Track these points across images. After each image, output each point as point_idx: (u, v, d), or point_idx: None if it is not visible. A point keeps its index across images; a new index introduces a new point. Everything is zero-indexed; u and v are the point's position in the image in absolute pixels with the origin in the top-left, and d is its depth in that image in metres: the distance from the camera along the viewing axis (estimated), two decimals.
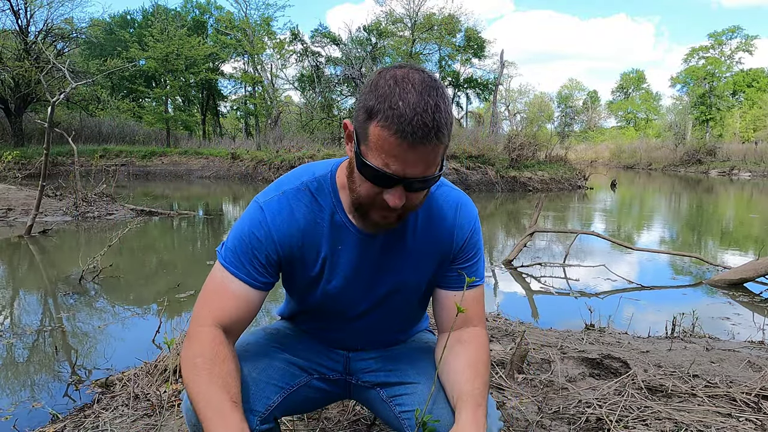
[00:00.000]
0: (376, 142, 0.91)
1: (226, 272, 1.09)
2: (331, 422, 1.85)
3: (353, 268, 1.15)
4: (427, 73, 0.94)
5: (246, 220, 1.11)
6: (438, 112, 0.89)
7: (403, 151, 0.90)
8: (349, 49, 29.08)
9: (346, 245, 1.13)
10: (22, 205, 8.46)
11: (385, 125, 0.89)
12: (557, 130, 51.95)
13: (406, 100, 0.88)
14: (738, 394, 2.03)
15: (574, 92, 59.94)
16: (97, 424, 1.93)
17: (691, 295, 4.57)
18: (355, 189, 1.01)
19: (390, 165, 0.92)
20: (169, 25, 25.17)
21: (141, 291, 4.41)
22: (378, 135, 0.90)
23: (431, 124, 0.89)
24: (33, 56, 21.57)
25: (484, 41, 32.96)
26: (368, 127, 0.91)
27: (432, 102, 0.89)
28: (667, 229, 8.96)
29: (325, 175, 1.13)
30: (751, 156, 29.20)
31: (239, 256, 1.09)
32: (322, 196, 1.11)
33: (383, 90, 0.90)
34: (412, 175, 0.93)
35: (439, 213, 1.15)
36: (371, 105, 0.91)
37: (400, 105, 0.88)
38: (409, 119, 0.87)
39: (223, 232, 8.06)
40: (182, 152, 22.20)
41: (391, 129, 0.88)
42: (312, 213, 1.10)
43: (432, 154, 0.92)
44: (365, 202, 1.01)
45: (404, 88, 0.89)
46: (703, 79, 44.18)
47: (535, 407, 1.98)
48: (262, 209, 1.09)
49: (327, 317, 1.25)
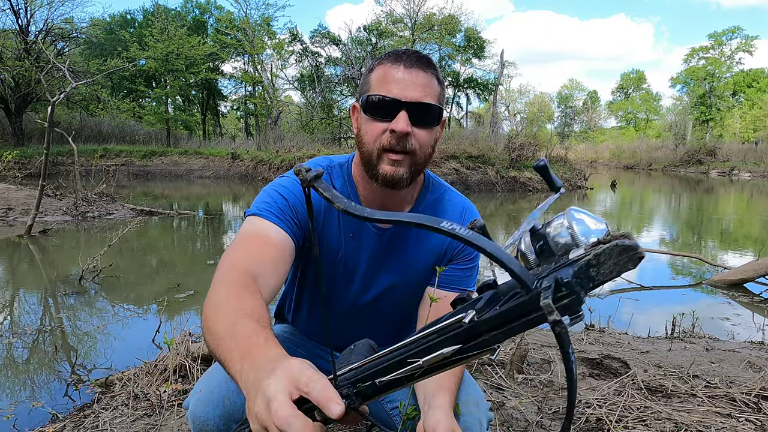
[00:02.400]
0: (377, 79, 1.04)
1: (264, 222, 1.04)
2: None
3: (360, 259, 1.18)
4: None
5: (280, 185, 1.11)
6: (425, 56, 1.06)
7: (400, 73, 1.02)
8: (349, 49, 29.08)
9: (357, 235, 1.16)
10: (22, 204, 8.45)
11: (382, 62, 1.05)
12: (557, 130, 51.99)
13: (399, 50, 1.07)
14: (738, 394, 2.03)
15: (574, 92, 59.98)
16: (96, 423, 1.93)
17: (691, 295, 4.57)
18: (364, 143, 1.07)
19: (391, 89, 1.02)
20: (169, 25, 25.18)
21: (141, 291, 4.41)
22: (377, 73, 1.05)
23: (422, 55, 1.05)
24: (33, 56, 21.58)
25: (484, 41, 32.96)
26: (369, 77, 1.06)
27: (419, 53, 1.06)
28: (667, 230, 8.96)
29: (342, 164, 1.19)
30: (751, 156, 29.20)
31: (279, 208, 1.06)
32: (339, 182, 1.17)
33: (378, 57, 1.08)
34: (413, 98, 1.02)
35: (443, 215, 1.18)
36: (371, 65, 1.07)
37: (392, 51, 1.07)
38: (402, 52, 1.05)
39: (223, 232, 8.06)
40: (182, 152, 22.19)
41: (387, 61, 1.04)
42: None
43: (427, 81, 1.04)
44: (374, 147, 1.05)
45: (397, 50, 1.08)
46: (703, 79, 44.20)
47: (535, 407, 1.98)
48: (291, 178, 1.13)
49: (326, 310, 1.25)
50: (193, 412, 1.09)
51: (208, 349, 0.78)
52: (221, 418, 1.06)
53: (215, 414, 1.07)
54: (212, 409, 1.07)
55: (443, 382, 1.05)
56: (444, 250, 1.20)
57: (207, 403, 1.08)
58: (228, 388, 1.10)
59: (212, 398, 1.08)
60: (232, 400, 1.08)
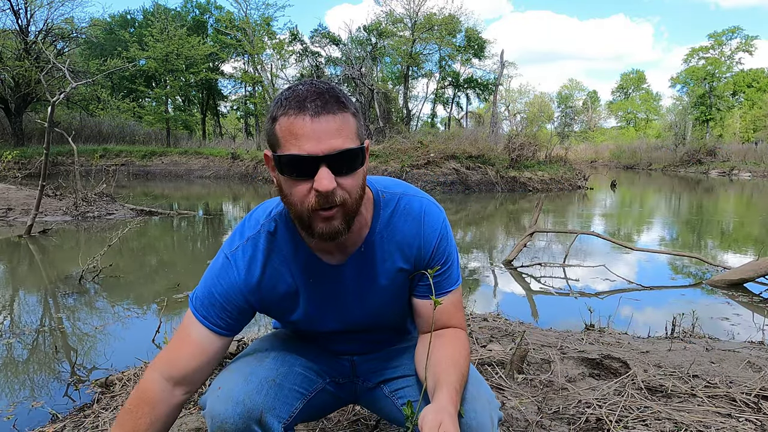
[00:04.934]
0: (285, 133, 0.93)
1: (194, 320, 1.12)
2: (331, 422, 1.85)
3: (329, 299, 1.16)
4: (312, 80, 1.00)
5: (215, 274, 1.13)
6: (330, 88, 0.94)
7: (309, 125, 0.91)
8: (349, 49, 29.08)
9: (317, 277, 1.13)
10: (22, 204, 8.45)
11: (284, 112, 0.92)
12: (557, 130, 51.96)
13: (297, 89, 0.94)
14: (738, 394, 2.03)
15: (574, 92, 59.98)
16: (96, 423, 1.93)
17: (691, 295, 4.57)
18: (290, 203, 0.99)
19: (303, 145, 0.91)
20: (169, 25, 25.19)
21: (141, 291, 4.41)
22: (283, 125, 0.93)
23: (327, 93, 0.93)
24: (33, 56, 21.58)
25: (485, 41, 32.96)
26: (275, 129, 0.95)
27: (323, 85, 0.95)
28: (667, 230, 8.96)
29: (281, 212, 1.12)
30: (751, 156, 29.18)
31: (208, 306, 1.11)
32: (280, 234, 1.12)
33: (277, 97, 0.96)
34: (329, 150, 0.92)
35: (403, 227, 1.13)
36: (272, 111, 0.95)
37: (290, 94, 0.94)
38: (303, 95, 0.92)
39: (223, 233, 8.06)
40: (182, 152, 22.20)
41: (290, 111, 0.92)
42: (276, 255, 1.11)
43: (341, 123, 0.93)
44: (302, 209, 0.97)
45: (294, 86, 0.96)
46: (703, 79, 44.18)
47: (535, 407, 1.98)
48: (230, 261, 1.12)
49: (319, 335, 1.27)
50: (211, 409, 1.08)
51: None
52: (241, 417, 1.06)
53: (235, 412, 1.06)
54: (232, 407, 1.06)
55: (444, 376, 1.05)
56: (414, 261, 1.15)
57: (227, 401, 1.07)
58: (248, 387, 1.10)
59: (232, 396, 1.08)
60: (252, 399, 1.08)
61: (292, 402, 1.15)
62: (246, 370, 1.15)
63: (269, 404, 1.10)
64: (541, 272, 5.34)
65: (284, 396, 1.14)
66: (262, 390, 1.10)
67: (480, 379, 1.21)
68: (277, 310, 1.18)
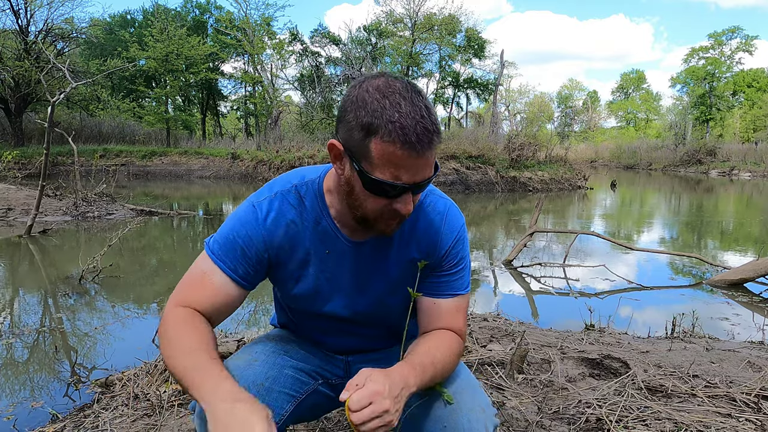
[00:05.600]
0: (382, 157, 0.91)
1: (211, 263, 1.10)
2: (331, 422, 1.85)
3: (341, 274, 1.15)
4: (404, 79, 0.96)
5: (238, 218, 1.11)
6: (431, 115, 0.92)
7: (412, 160, 0.91)
8: (349, 49, 29.08)
9: (334, 251, 1.13)
10: (22, 205, 8.45)
11: (389, 140, 0.89)
12: (557, 130, 51.99)
13: (402, 110, 0.89)
14: (738, 394, 2.03)
15: (574, 92, 59.98)
16: (96, 423, 1.93)
17: (691, 295, 4.57)
18: (359, 205, 1.01)
19: (401, 176, 0.93)
20: (169, 25, 25.17)
21: (141, 291, 4.41)
22: (383, 150, 0.91)
23: (431, 128, 0.91)
24: (33, 56, 21.57)
25: (485, 41, 32.95)
26: (369, 145, 0.91)
27: (422, 105, 0.91)
28: (667, 230, 8.96)
29: (314, 180, 1.13)
30: (751, 156, 29.18)
31: (228, 251, 1.09)
32: (309, 199, 1.12)
33: (374, 105, 0.90)
34: (420, 180, 0.95)
35: (425, 221, 1.15)
36: (367, 122, 0.90)
37: (397, 117, 0.89)
38: (412, 129, 0.89)
39: None
40: (182, 152, 22.20)
41: (397, 143, 0.89)
42: (300, 216, 1.12)
43: (433, 156, 0.95)
44: (373, 216, 1.01)
45: (394, 99, 0.90)
46: (703, 79, 44.17)
47: (535, 407, 1.98)
48: (255, 209, 1.10)
49: (318, 321, 1.25)
50: (200, 413, 1.07)
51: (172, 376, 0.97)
52: None
53: None
54: None
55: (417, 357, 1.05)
56: (430, 256, 1.16)
57: None
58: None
59: None
60: None
61: (282, 405, 1.15)
62: (234, 374, 1.12)
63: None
64: (541, 272, 5.34)
65: (273, 399, 1.13)
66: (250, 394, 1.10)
67: (475, 385, 1.21)
68: (285, 274, 1.16)
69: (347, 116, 0.94)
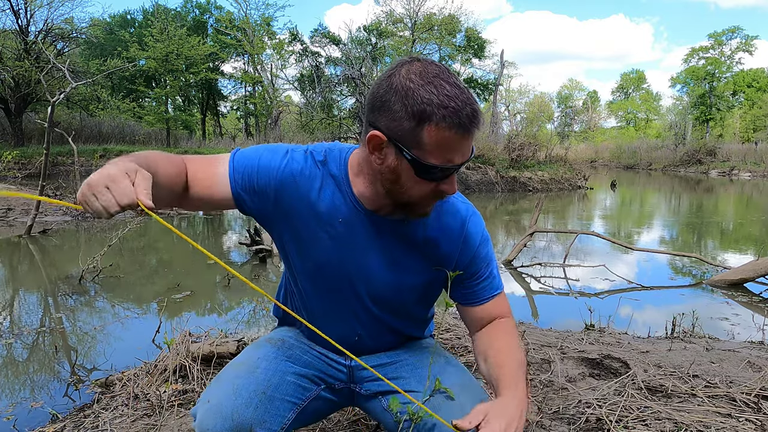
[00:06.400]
0: (437, 143, 0.93)
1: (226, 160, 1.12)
2: (331, 422, 1.85)
3: (358, 245, 1.13)
4: (433, 61, 0.97)
5: (271, 150, 1.13)
6: (470, 95, 0.95)
7: (463, 141, 0.95)
8: (349, 49, 29.07)
9: (348, 221, 1.12)
10: (22, 204, 8.46)
11: (444, 125, 0.92)
12: (557, 130, 51.98)
13: (450, 94, 0.92)
14: (738, 394, 2.03)
15: (574, 92, 60.01)
16: (96, 423, 1.93)
17: (690, 295, 4.57)
18: (405, 192, 1.02)
19: (453, 159, 0.96)
20: (169, 25, 25.18)
21: (141, 291, 4.41)
22: (437, 136, 0.92)
23: (477, 108, 0.95)
24: (33, 56, 21.56)
25: (484, 41, 32.95)
26: (421, 132, 0.93)
27: (463, 86, 0.95)
28: (667, 230, 8.96)
29: (342, 150, 1.15)
30: (751, 156, 29.16)
31: (246, 166, 1.11)
32: (334, 166, 1.13)
33: (421, 92, 0.92)
34: (467, 159, 0.99)
35: (447, 220, 1.16)
36: (419, 109, 0.91)
37: (447, 101, 0.91)
38: (463, 113, 0.92)
39: (224, 233, 8.07)
40: (182, 152, 22.19)
41: (452, 127, 0.92)
42: (321, 175, 1.12)
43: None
44: (415, 198, 1.03)
45: (439, 84, 0.92)
46: (703, 79, 44.17)
47: (535, 407, 1.98)
48: (287, 152, 1.12)
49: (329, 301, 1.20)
50: (201, 423, 1.08)
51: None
52: (231, 431, 1.06)
53: (225, 426, 1.06)
54: (221, 422, 1.06)
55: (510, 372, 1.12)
56: (449, 257, 1.17)
57: (216, 415, 1.07)
58: (237, 402, 1.09)
59: (222, 410, 1.07)
60: (242, 413, 1.07)
61: (284, 413, 1.14)
62: (236, 382, 1.13)
63: (259, 418, 1.09)
64: (541, 272, 5.34)
65: (275, 408, 1.13)
66: (252, 403, 1.09)
67: (475, 383, 1.21)
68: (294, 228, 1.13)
69: (393, 106, 0.94)
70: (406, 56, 1.01)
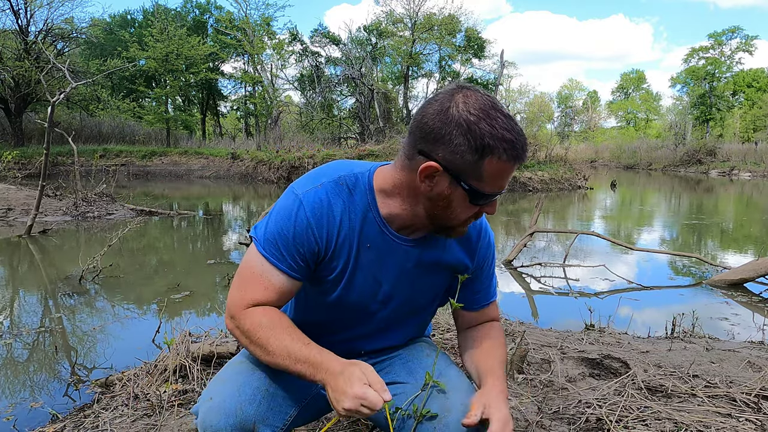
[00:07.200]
0: (494, 173, 1.00)
1: (267, 263, 1.10)
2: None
3: (381, 267, 1.16)
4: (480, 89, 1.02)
5: (285, 212, 1.10)
6: (517, 122, 1.01)
7: (513, 170, 1.03)
8: (349, 49, 29.07)
9: (375, 245, 1.14)
10: (22, 205, 8.46)
11: (503, 158, 0.98)
12: (557, 130, 51.99)
13: (507, 127, 0.98)
14: (738, 394, 2.03)
15: (574, 92, 59.99)
16: (96, 423, 1.93)
17: (691, 295, 4.57)
18: (452, 216, 1.07)
19: (503, 185, 1.04)
20: (169, 25, 25.16)
21: (141, 291, 4.40)
22: (496, 167, 0.99)
23: (525, 137, 1.02)
24: (33, 56, 21.57)
25: (484, 41, 32.93)
26: (482, 164, 0.99)
27: (510, 114, 1.01)
28: (666, 230, 8.96)
29: (363, 173, 1.14)
30: (752, 156, 29.14)
31: (280, 248, 1.08)
32: (357, 192, 1.12)
33: (483, 126, 0.96)
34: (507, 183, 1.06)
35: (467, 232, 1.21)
36: (481, 144, 0.96)
37: (506, 135, 0.97)
38: (519, 145, 0.99)
39: (223, 233, 8.06)
40: (182, 152, 22.21)
41: (510, 159, 0.99)
42: (347, 208, 1.11)
43: None
44: (457, 221, 1.08)
45: (495, 117, 0.98)
46: (703, 79, 44.15)
47: (535, 407, 1.98)
48: (302, 202, 1.09)
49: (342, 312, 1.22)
50: (203, 420, 1.07)
51: (266, 362, 1.09)
52: (233, 428, 1.06)
53: (228, 423, 1.06)
54: (224, 419, 1.06)
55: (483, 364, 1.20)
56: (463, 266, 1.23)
57: (219, 412, 1.07)
58: (240, 398, 1.09)
59: (225, 407, 1.07)
60: (245, 410, 1.08)
61: (286, 410, 1.15)
62: (238, 379, 1.13)
63: (262, 415, 1.09)
64: (541, 272, 5.34)
65: (278, 405, 1.13)
66: (255, 400, 1.09)
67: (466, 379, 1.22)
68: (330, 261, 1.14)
69: (454, 140, 0.97)
70: (453, 84, 1.04)
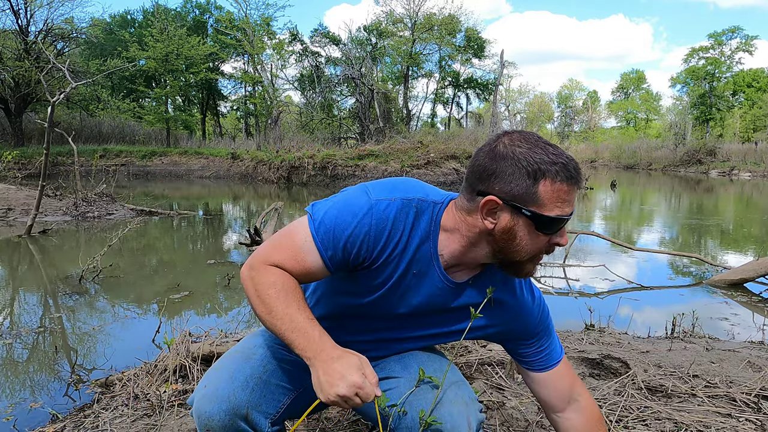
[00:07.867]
0: (552, 196, 1.03)
1: (311, 243, 1.08)
2: (331, 422, 1.85)
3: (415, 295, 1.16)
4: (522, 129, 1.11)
5: (352, 208, 1.09)
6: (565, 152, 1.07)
7: (572, 193, 1.06)
8: (349, 49, 29.08)
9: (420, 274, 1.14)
10: (22, 205, 8.46)
11: (557, 179, 1.03)
12: (557, 130, 52.01)
13: (555, 153, 1.04)
14: (738, 394, 2.03)
15: (574, 92, 59.95)
16: (96, 423, 1.93)
17: (690, 295, 4.57)
18: (520, 250, 1.08)
19: (565, 209, 1.05)
20: (169, 25, 25.17)
21: (141, 291, 4.40)
22: (552, 188, 1.03)
23: (578, 164, 1.07)
24: (33, 56, 21.58)
25: (484, 41, 32.98)
26: (536, 189, 1.02)
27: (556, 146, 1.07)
28: (666, 229, 8.96)
29: (437, 204, 1.14)
30: (751, 156, 29.12)
31: (332, 237, 1.08)
32: (424, 219, 1.12)
33: (532, 153, 1.02)
34: (573, 210, 1.08)
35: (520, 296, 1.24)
36: (533, 168, 1.02)
37: (555, 159, 1.03)
38: (570, 166, 1.04)
39: (223, 233, 8.06)
40: (182, 152, 22.21)
41: (564, 180, 1.03)
42: (409, 230, 1.11)
43: None
44: (530, 257, 1.09)
45: (542, 146, 1.04)
46: (703, 79, 44.15)
47: (535, 407, 1.98)
48: (371, 208, 1.08)
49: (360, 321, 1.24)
50: (198, 408, 1.10)
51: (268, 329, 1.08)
52: (226, 414, 1.09)
53: (220, 410, 1.08)
54: (217, 405, 1.09)
55: None
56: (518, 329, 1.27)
57: (212, 398, 1.10)
58: (233, 385, 1.12)
59: (218, 394, 1.10)
60: (237, 396, 1.11)
61: (279, 398, 1.17)
62: (232, 367, 1.16)
63: (255, 401, 1.12)
64: (541, 272, 5.34)
65: (270, 392, 1.16)
66: (248, 387, 1.13)
67: (461, 381, 1.22)
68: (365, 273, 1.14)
69: (505, 170, 1.03)
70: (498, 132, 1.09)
